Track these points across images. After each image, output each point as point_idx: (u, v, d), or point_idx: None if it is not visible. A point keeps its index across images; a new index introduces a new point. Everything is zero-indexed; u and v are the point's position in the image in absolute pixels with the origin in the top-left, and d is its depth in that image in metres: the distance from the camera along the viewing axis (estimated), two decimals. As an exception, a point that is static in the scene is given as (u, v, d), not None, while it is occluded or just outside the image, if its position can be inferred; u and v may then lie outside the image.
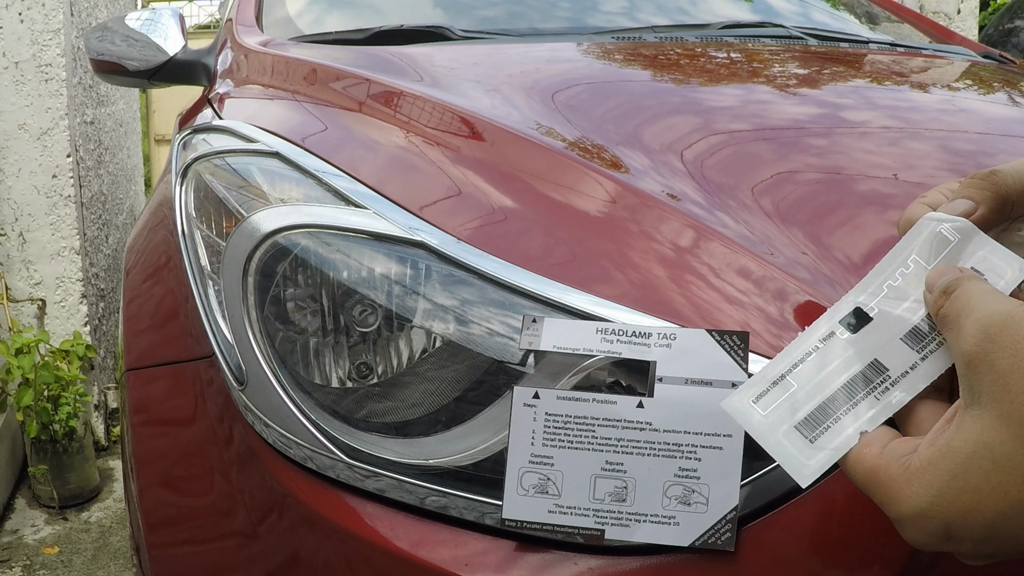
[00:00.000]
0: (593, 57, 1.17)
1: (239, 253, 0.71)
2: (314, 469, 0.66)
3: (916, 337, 0.47)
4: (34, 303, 2.50)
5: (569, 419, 0.58)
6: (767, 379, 0.49)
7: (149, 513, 0.77)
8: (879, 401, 0.47)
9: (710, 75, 1.09)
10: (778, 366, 0.49)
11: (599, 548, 0.58)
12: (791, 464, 0.47)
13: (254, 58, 1.24)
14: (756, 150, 0.83)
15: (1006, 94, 1.15)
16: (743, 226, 0.69)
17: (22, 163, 2.46)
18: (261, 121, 0.92)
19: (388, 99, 0.93)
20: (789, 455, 0.47)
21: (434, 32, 1.25)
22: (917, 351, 0.47)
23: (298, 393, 0.67)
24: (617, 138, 0.83)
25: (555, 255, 0.67)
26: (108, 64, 1.54)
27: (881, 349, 0.48)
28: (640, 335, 0.58)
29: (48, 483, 2.25)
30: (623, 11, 1.47)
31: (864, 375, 0.47)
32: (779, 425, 0.48)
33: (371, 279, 0.67)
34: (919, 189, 0.75)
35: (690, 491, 0.56)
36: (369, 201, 0.71)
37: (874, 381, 0.47)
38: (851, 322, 0.49)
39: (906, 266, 0.49)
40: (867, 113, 0.93)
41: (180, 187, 0.87)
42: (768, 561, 0.55)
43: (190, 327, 0.80)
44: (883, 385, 0.47)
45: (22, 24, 2.43)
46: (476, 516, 0.61)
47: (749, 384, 0.49)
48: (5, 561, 2.03)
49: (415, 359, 0.65)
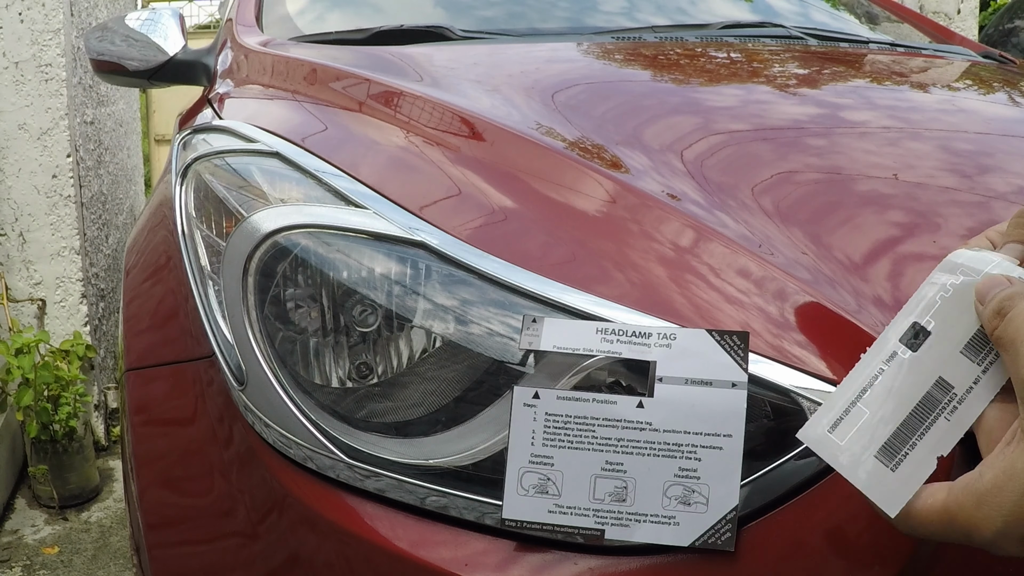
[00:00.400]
0: (593, 57, 1.17)
1: (239, 253, 0.71)
2: (314, 469, 0.66)
3: (975, 349, 0.48)
4: (34, 303, 2.50)
5: (569, 419, 0.58)
6: (840, 406, 0.49)
7: (149, 513, 0.77)
8: (949, 421, 0.47)
9: (710, 75, 1.09)
10: (848, 391, 0.49)
11: (599, 548, 0.58)
12: (880, 496, 0.47)
13: (254, 58, 1.24)
14: (756, 150, 0.83)
15: (1006, 94, 1.15)
16: (743, 226, 0.69)
17: (22, 163, 2.46)
18: (261, 121, 0.92)
19: (388, 99, 0.93)
20: (876, 487, 0.48)
21: (434, 32, 1.25)
22: (978, 363, 0.48)
23: (298, 393, 0.67)
24: (617, 138, 0.83)
25: (555, 255, 0.67)
26: (108, 64, 1.54)
27: (944, 365, 0.48)
28: (640, 335, 0.58)
29: (48, 483, 2.25)
30: (623, 11, 1.47)
31: (932, 396, 0.48)
32: (861, 455, 0.48)
33: (371, 279, 0.67)
34: (919, 189, 0.75)
35: (690, 491, 0.56)
36: (369, 201, 0.71)
37: (942, 401, 0.48)
38: (911, 339, 0.49)
39: (955, 277, 0.49)
40: (867, 113, 0.93)
41: (180, 187, 0.87)
42: (768, 561, 0.55)
43: (190, 327, 0.80)
44: (951, 404, 0.48)
45: (22, 24, 2.43)
46: (476, 516, 0.61)
47: (823, 412, 0.50)
48: (5, 561, 2.03)
49: (415, 359, 0.65)
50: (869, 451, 0.48)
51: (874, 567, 0.54)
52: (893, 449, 0.48)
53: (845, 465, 0.48)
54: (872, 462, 0.48)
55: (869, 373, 0.49)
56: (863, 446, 0.48)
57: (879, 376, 0.49)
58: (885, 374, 0.49)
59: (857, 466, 0.48)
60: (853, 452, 0.48)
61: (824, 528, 0.55)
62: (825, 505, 0.55)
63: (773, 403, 0.58)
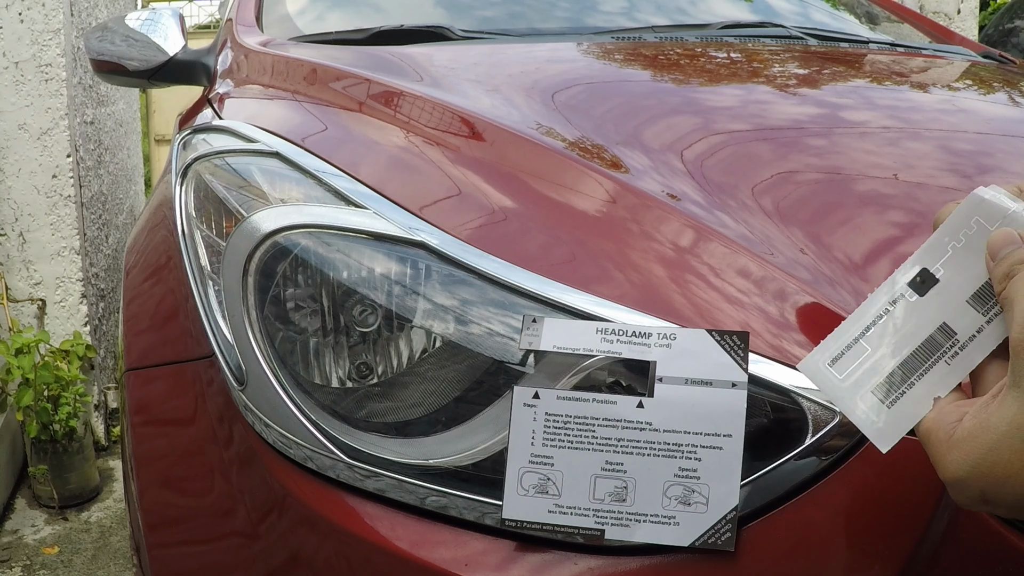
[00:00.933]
0: (593, 57, 1.17)
1: (239, 253, 0.71)
2: (314, 469, 0.66)
3: (981, 299, 0.48)
4: (34, 303, 2.50)
5: (569, 419, 0.58)
6: (841, 342, 0.50)
7: (149, 513, 0.77)
8: (949, 366, 0.48)
9: (710, 75, 1.09)
10: (850, 329, 0.50)
11: (599, 548, 0.58)
12: (871, 429, 0.48)
13: (254, 58, 1.24)
14: (756, 150, 0.83)
15: (1006, 94, 1.15)
16: (743, 226, 0.69)
17: (22, 163, 2.46)
18: (261, 121, 0.92)
19: (388, 99, 0.93)
20: (868, 420, 0.48)
21: (434, 32, 1.25)
22: (983, 313, 0.48)
23: (298, 393, 0.67)
24: (617, 138, 0.83)
25: (555, 255, 0.67)
26: (108, 64, 1.54)
27: (948, 312, 0.49)
28: (640, 335, 0.58)
29: (48, 483, 2.25)
30: (623, 11, 1.47)
31: (934, 339, 0.48)
32: (857, 389, 0.49)
33: (371, 279, 0.67)
34: (919, 189, 0.75)
35: (690, 491, 0.56)
36: (369, 201, 0.71)
37: (944, 345, 0.48)
38: (918, 284, 0.49)
39: (969, 227, 0.49)
40: (867, 113, 0.93)
41: (180, 187, 0.87)
42: (768, 561, 0.55)
43: (190, 327, 0.80)
44: (952, 350, 0.48)
45: (22, 24, 2.43)
46: (476, 516, 0.61)
47: (823, 347, 0.50)
48: (5, 561, 2.03)
49: (415, 359, 0.65)
50: (867, 387, 0.49)
51: (874, 567, 0.54)
52: (891, 386, 0.48)
53: (841, 397, 0.49)
54: (869, 397, 0.48)
55: (874, 312, 0.50)
56: (860, 382, 0.49)
57: (883, 316, 0.50)
58: (890, 315, 0.49)
59: (853, 399, 0.49)
60: (850, 386, 0.49)
61: (824, 528, 0.55)
62: (825, 505, 0.55)
63: (773, 403, 0.58)
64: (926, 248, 0.50)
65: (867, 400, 0.48)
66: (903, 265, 0.50)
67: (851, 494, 0.55)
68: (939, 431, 0.45)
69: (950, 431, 0.45)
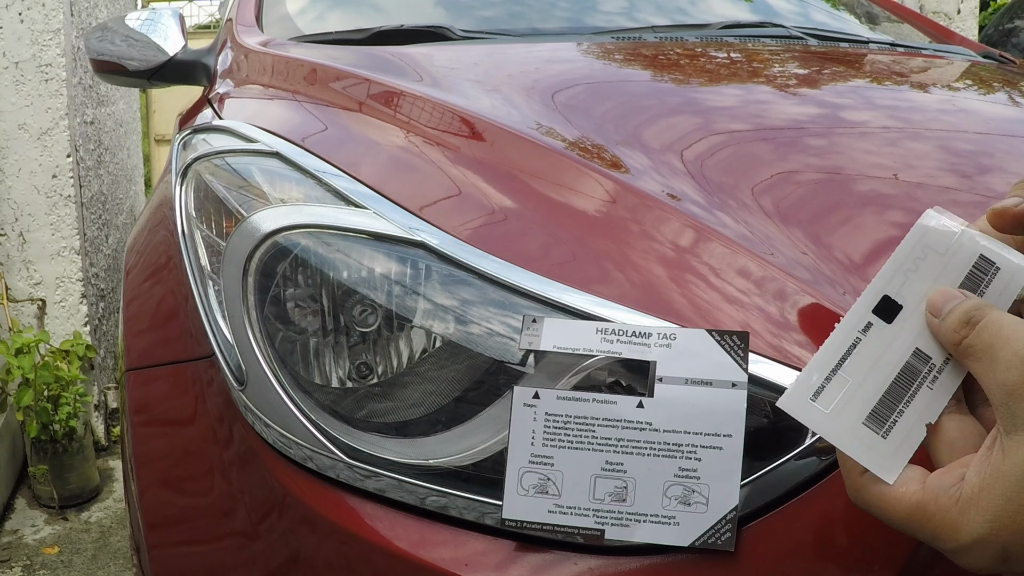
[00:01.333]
0: (593, 57, 1.17)
1: (239, 253, 0.71)
2: (314, 469, 0.66)
3: None
4: (34, 303, 2.50)
5: (569, 419, 0.58)
6: (820, 375, 0.49)
7: (149, 513, 0.77)
8: (932, 391, 0.47)
9: (710, 75, 1.09)
10: (826, 360, 0.49)
11: (599, 548, 0.58)
12: (874, 462, 0.47)
13: (254, 58, 1.24)
14: (756, 150, 0.83)
15: (1006, 94, 1.15)
16: (743, 226, 0.69)
17: (22, 163, 2.46)
18: (261, 121, 0.92)
19: (388, 99, 0.93)
20: (869, 454, 0.47)
21: (434, 32, 1.25)
22: None
23: (298, 393, 0.67)
24: (617, 138, 0.83)
25: (555, 255, 0.67)
26: (108, 64, 1.54)
27: (919, 337, 0.48)
28: (640, 335, 0.58)
29: (48, 483, 2.25)
30: (623, 11, 1.47)
31: (911, 365, 0.48)
32: (848, 423, 0.48)
33: (371, 279, 0.67)
34: (919, 189, 0.75)
35: (690, 491, 0.56)
36: (369, 201, 0.71)
37: (922, 371, 0.48)
38: (883, 311, 0.49)
39: (920, 254, 0.49)
40: (867, 113, 0.93)
41: (180, 187, 0.87)
42: (768, 561, 0.55)
43: (190, 327, 0.80)
44: (931, 374, 0.48)
45: (22, 24, 2.43)
46: (476, 516, 0.61)
47: (801, 381, 0.49)
48: (5, 561, 2.03)
49: (415, 359, 0.65)
50: (857, 419, 0.48)
51: (874, 567, 0.54)
52: (881, 417, 0.48)
53: (833, 434, 0.48)
54: (863, 430, 0.47)
55: (846, 342, 0.49)
56: (851, 415, 0.48)
57: (857, 345, 0.49)
58: (863, 343, 0.49)
59: (848, 434, 0.48)
60: (841, 420, 0.48)
61: (824, 528, 0.55)
62: (825, 505, 0.55)
63: (773, 403, 0.58)
64: (882, 275, 0.50)
65: (861, 434, 0.47)
66: (864, 293, 0.50)
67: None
68: (938, 499, 0.44)
69: (954, 495, 0.43)
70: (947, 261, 0.49)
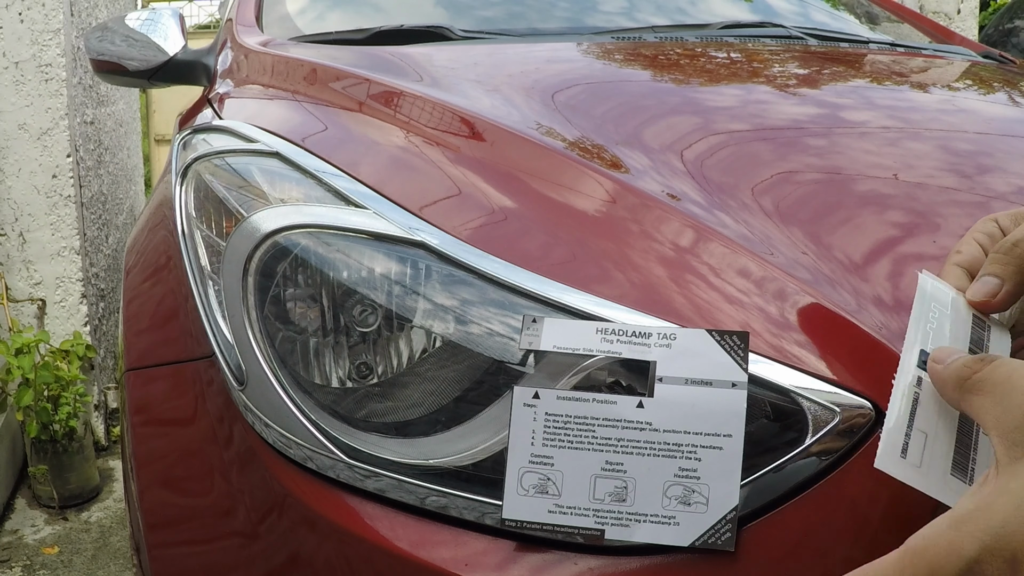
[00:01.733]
0: (593, 57, 1.17)
1: (239, 253, 0.71)
2: (314, 469, 0.66)
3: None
4: (34, 303, 2.50)
5: (569, 419, 0.58)
6: (899, 432, 0.49)
7: (149, 513, 0.77)
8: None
9: (710, 75, 1.09)
10: (899, 417, 0.50)
11: (599, 548, 0.58)
12: None
13: (254, 58, 1.24)
14: (756, 150, 0.83)
15: (1006, 94, 1.15)
16: (743, 226, 0.69)
17: (22, 163, 2.46)
18: (261, 121, 0.92)
19: (388, 99, 0.93)
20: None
21: (434, 32, 1.25)
22: None
23: (298, 393, 0.67)
24: (617, 138, 0.83)
25: (555, 255, 0.67)
26: (108, 64, 1.54)
27: None
28: (640, 335, 0.58)
29: (48, 483, 2.25)
30: (623, 11, 1.48)
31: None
32: (939, 476, 0.49)
33: (371, 279, 0.67)
34: (919, 189, 0.75)
35: (690, 491, 0.56)
36: (369, 201, 0.71)
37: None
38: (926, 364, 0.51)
39: (932, 310, 0.52)
40: (867, 113, 0.93)
41: (180, 187, 0.87)
42: (768, 561, 0.55)
43: (190, 327, 0.80)
44: None
45: (22, 24, 2.43)
46: (476, 516, 0.61)
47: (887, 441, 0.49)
48: (5, 561, 2.03)
49: (415, 359, 0.65)
50: (945, 470, 0.49)
51: (874, 567, 0.54)
52: (962, 465, 0.49)
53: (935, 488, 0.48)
54: (953, 481, 0.48)
55: (908, 397, 0.50)
56: (938, 467, 0.49)
57: (918, 399, 0.50)
58: (922, 397, 0.50)
59: (944, 487, 0.48)
60: (933, 475, 0.49)
61: (824, 528, 0.55)
62: (825, 505, 0.55)
63: (773, 403, 0.58)
64: (911, 332, 0.51)
65: (953, 485, 0.48)
66: (904, 348, 0.51)
67: (851, 494, 0.55)
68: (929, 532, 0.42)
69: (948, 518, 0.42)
70: (954, 316, 0.52)
